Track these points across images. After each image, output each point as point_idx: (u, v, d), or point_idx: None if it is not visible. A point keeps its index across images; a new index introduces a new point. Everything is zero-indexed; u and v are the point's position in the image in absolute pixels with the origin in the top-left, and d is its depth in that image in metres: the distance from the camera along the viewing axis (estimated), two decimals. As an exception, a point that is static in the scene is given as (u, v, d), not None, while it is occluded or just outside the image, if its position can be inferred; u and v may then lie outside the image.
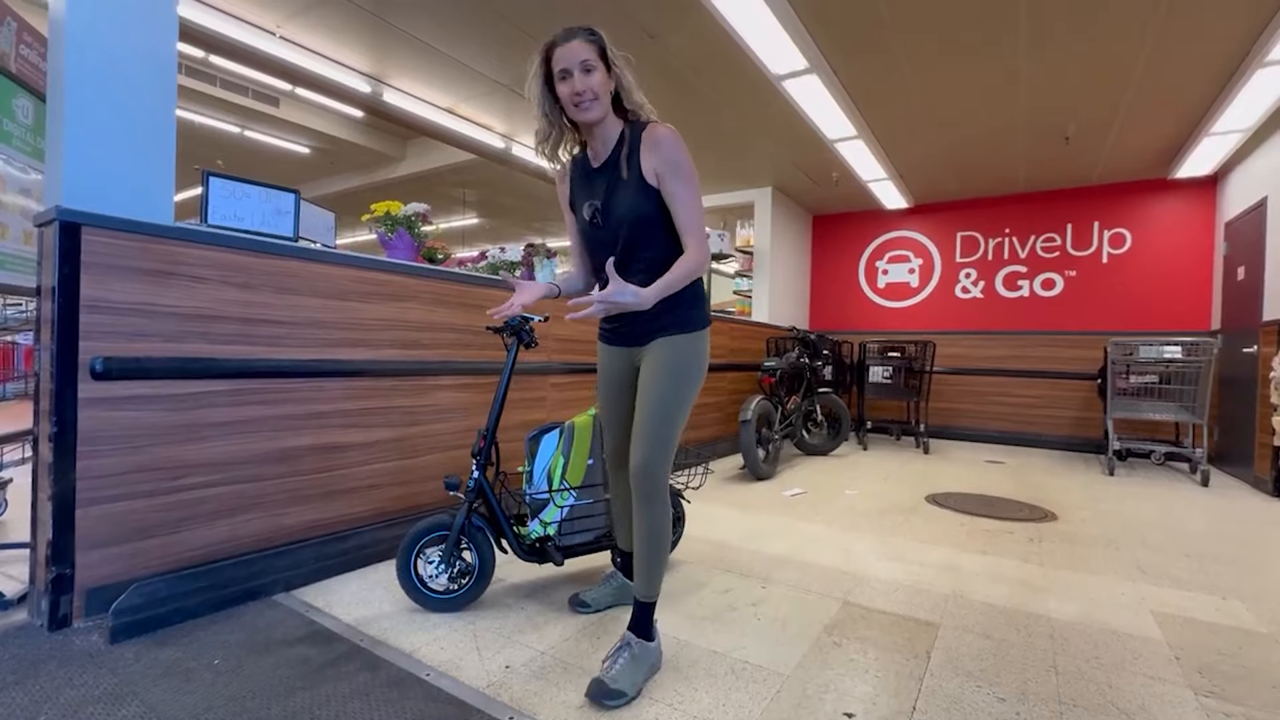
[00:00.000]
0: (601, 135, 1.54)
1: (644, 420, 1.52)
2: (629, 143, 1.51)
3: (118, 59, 1.78)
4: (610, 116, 1.53)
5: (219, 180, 2.15)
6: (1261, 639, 1.87)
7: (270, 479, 2.03)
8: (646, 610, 1.55)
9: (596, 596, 1.97)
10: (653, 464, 1.50)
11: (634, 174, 1.49)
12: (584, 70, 1.45)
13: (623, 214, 1.52)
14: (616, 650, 1.51)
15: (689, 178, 1.48)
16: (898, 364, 5.67)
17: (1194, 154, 4.68)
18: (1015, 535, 2.91)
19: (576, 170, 1.66)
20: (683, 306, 1.55)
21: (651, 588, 1.55)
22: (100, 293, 1.66)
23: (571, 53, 1.44)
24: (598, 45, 1.47)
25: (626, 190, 1.51)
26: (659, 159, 1.47)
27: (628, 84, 1.51)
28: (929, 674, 1.61)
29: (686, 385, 1.56)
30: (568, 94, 1.47)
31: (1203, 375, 4.36)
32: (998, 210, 6.23)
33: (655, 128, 1.49)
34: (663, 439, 1.51)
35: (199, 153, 7.18)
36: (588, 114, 1.47)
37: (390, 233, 2.71)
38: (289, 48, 3.80)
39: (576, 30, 1.46)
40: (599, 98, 1.46)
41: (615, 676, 1.44)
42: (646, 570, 1.54)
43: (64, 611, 1.65)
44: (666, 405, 1.52)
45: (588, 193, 1.60)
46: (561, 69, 1.46)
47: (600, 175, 1.57)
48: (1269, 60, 3.23)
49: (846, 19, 3.21)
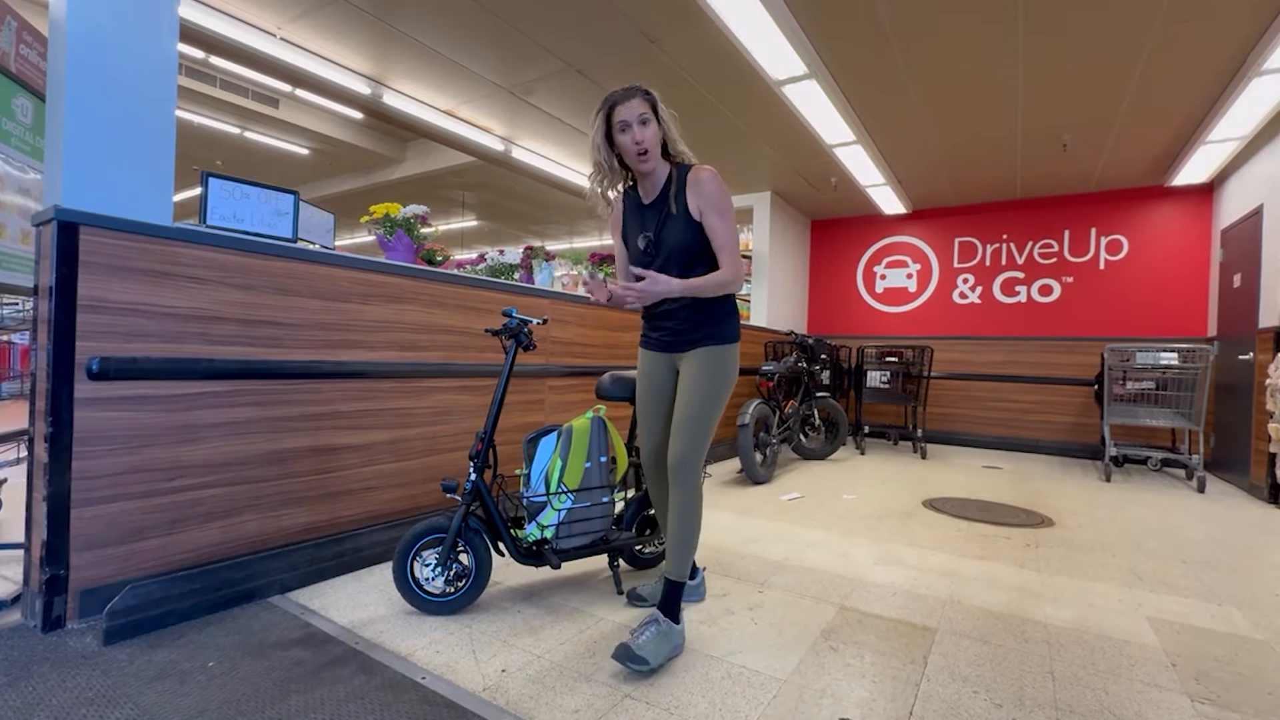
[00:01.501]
0: (653, 178, 1.78)
1: (683, 419, 1.75)
2: (676, 182, 1.75)
3: (118, 59, 1.78)
4: (660, 162, 1.77)
5: (218, 181, 2.15)
6: (1257, 645, 1.88)
7: (266, 480, 2.02)
8: (675, 591, 1.72)
9: (653, 590, 2.04)
10: (689, 457, 1.72)
11: (681, 209, 1.74)
12: (641, 123, 1.69)
13: (673, 244, 1.75)
14: (644, 624, 1.65)
15: (725, 211, 1.73)
16: (895, 369, 5.68)
17: (1190, 162, 4.70)
18: (1012, 541, 2.92)
19: (629, 204, 1.89)
20: (720, 321, 1.80)
21: (681, 568, 1.73)
22: (98, 293, 1.66)
23: (631, 109, 1.68)
24: (651, 102, 1.72)
25: (676, 224, 1.75)
26: (701, 197, 1.72)
27: (673, 135, 1.75)
28: (926, 679, 1.61)
29: (721, 389, 1.78)
30: (628, 143, 1.70)
31: (1199, 381, 4.38)
32: (995, 216, 6.25)
33: (699, 170, 1.74)
34: (699, 436, 1.73)
35: (198, 153, 7.18)
36: (645, 165, 1.73)
37: (389, 235, 2.71)
38: (290, 49, 3.80)
39: (635, 89, 1.71)
40: (652, 147, 1.70)
41: (642, 645, 1.58)
42: (677, 551, 1.74)
43: (58, 613, 1.64)
44: (703, 406, 1.75)
45: (640, 225, 1.83)
46: (621, 121, 1.69)
47: (651, 210, 1.81)
48: (1265, 69, 3.25)
49: (846, 26, 3.23)
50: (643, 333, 1.99)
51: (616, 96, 1.70)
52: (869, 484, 4.19)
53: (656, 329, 1.89)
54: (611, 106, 1.71)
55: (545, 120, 4.81)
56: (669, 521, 1.76)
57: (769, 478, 4.18)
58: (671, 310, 1.81)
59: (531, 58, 3.81)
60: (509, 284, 2.95)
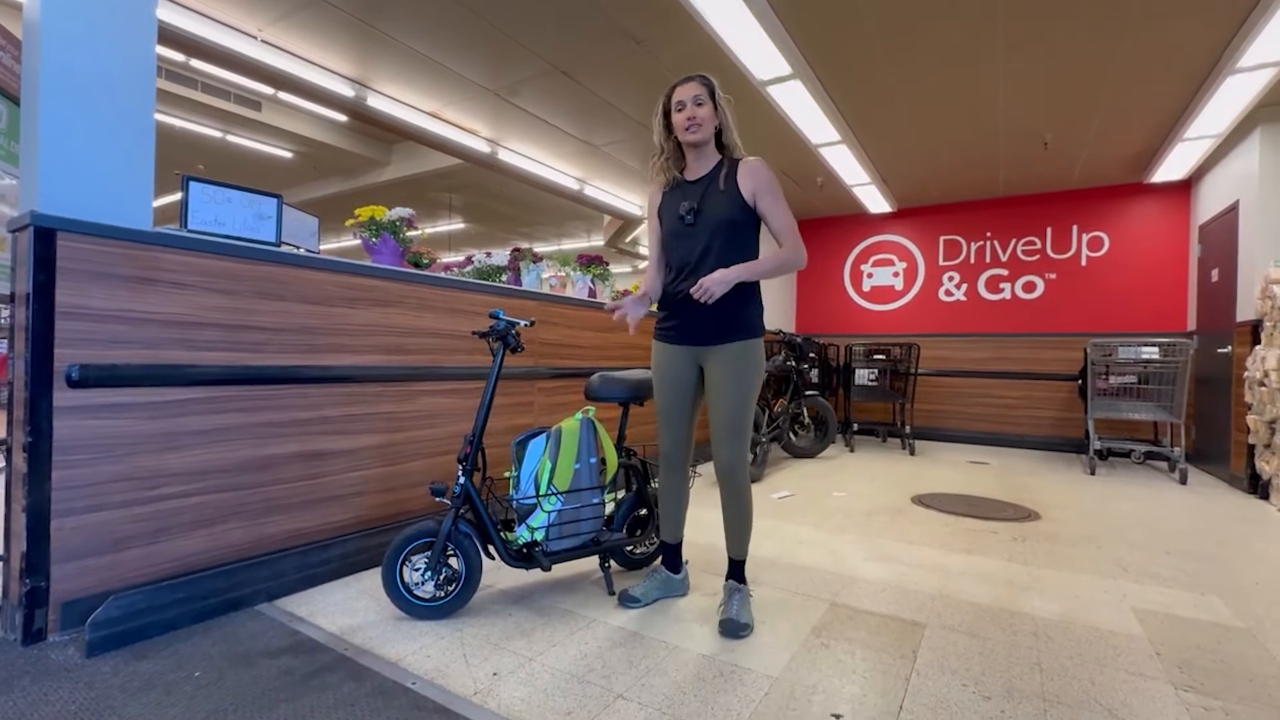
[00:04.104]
0: (700, 157, 1.89)
1: (725, 423, 1.83)
2: (728, 166, 1.86)
3: (94, 62, 1.76)
4: (710, 145, 1.88)
5: (199, 185, 2.13)
6: (1239, 634, 1.91)
7: (252, 487, 2.00)
8: (741, 564, 1.94)
9: (645, 590, 2.06)
10: (738, 461, 1.85)
11: (731, 188, 1.83)
12: (696, 103, 1.82)
13: (716, 217, 1.82)
14: (729, 597, 1.87)
15: (780, 195, 1.84)
16: (883, 366, 5.72)
17: (1168, 159, 4.78)
18: (1000, 535, 2.95)
19: (671, 185, 1.96)
20: (750, 313, 1.86)
21: (744, 549, 1.94)
22: (77, 299, 1.63)
23: (688, 90, 1.82)
24: (708, 86, 1.83)
25: (722, 198, 1.83)
26: (756, 182, 1.82)
27: (728, 124, 1.86)
28: (915, 673, 1.62)
29: (756, 384, 1.86)
30: (681, 120, 1.82)
31: (1180, 375, 4.45)
32: (979, 214, 6.32)
33: (750, 159, 1.86)
34: (742, 438, 1.84)
35: (179, 157, 7.09)
36: (694, 135, 1.82)
37: (375, 238, 2.69)
38: (271, 51, 3.76)
39: (695, 76, 1.84)
40: (704, 124, 1.82)
41: (739, 613, 1.81)
42: (740, 537, 1.92)
43: (39, 625, 1.61)
44: (743, 409, 1.83)
45: (680, 196, 1.91)
46: (678, 101, 1.83)
47: (695, 185, 1.89)
48: (1239, 67, 3.32)
49: (829, 26, 3.25)
50: (659, 324, 1.99)
51: (679, 81, 1.85)
52: (858, 481, 4.21)
53: (680, 319, 1.91)
54: (673, 89, 1.86)
55: (531, 122, 4.80)
56: (729, 517, 1.90)
57: (759, 476, 4.20)
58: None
59: (516, 59, 3.80)
60: (496, 286, 2.94)
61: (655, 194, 2.00)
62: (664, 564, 2.12)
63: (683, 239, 1.88)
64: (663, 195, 1.97)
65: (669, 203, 1.94)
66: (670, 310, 1.94)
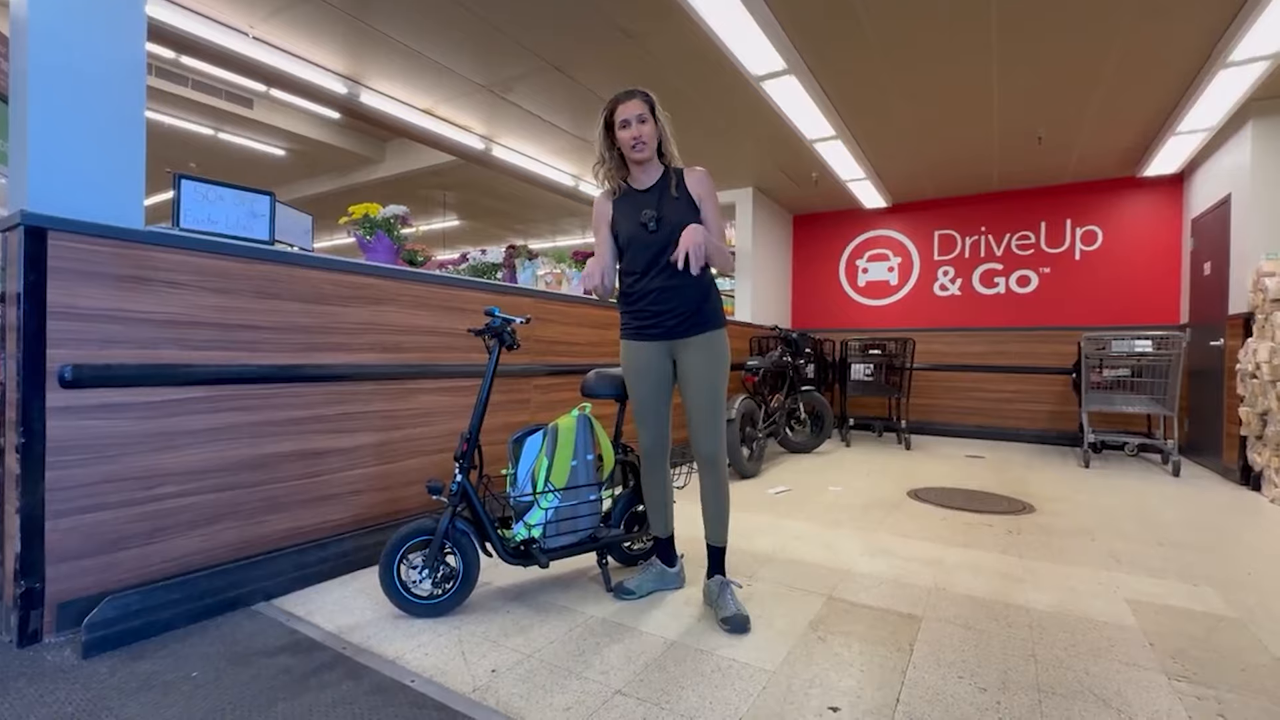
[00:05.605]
0: (646, 169, 1.98)
1: (703, 415, 1.94)
2: (675, 175, 1.97)
3: (83, 59, 1.74)
4: (654, 159, 1.98)
5: (191, 183, 2.11)
6: (1231, 623, 1.93)
7: (248, 487, 1.99)
8: (723, 552, 2.02)
9: (639, 583, 2.09)
10: (719, 450, 1.96)
11: (684, 194, 1.95)
12: (639, 120, 1.89)
13: (676, 220, 1.90)
14: (721, 593, 1.92)
15: (718, 204, 2.01)
16: (879, 361, 5.73)
17: (1161, 153, 4.80)
18: (995, 528, 2.96)
19: (620, 195, 2.02)
20: (715, 304, 1.99)
21: (725, 536, 2.02)
22: (69, 299, 1.62)
23: (630, 108, 1.89)
24: (649, 103, 1.92)
25: (679, 204, 1.93)
26: (702, 189, 1.96)
27: (668, 136, 1.96)
28: (912, 666, 1.63)
29: (726, 373, 1.98)
30: (627, 138, 1.90)
31: (1173, 368, 4.48)
32: (973, 209, 6.33)
33: (696, 167, 1.99)
34: (720, 427, 1.96)
35: (171, 155, 7.03)
36: (640, 154, 1.92)
37: (369, 235, 2.68)
38: (263, 48, 3.73)
39: (635, 91, 1.91)
40: (649, 141, 1.91)
41: (740, 607, 1.88)
42: (724, 524, 2.01)
43: (34, 627, 1.61)
44: (717, 398, 1.94)
45: (635, 204, 1.97)
46: (623, 119, 1.90)
47: (648, 195, 1.97)
48: (1231, 61, 3.33)
49: (824, 21, 3.24)
50: (625, 324, 2.03)
51: (620, 97, 1.91)
52: (855, 476, 4.23)
53: (650, 315, 1.95)
54: (615, 105, 1.92)
55: (525, 118, 4.78)
56: (710, 504, 1.99)
57: (756, 472, 4.21)
58: (675, 288, 1.91)
59: (509, 55, 3.79)
60: (492, 283, 2.93)
61: (603, 204, 2.04)
62: (658, 557, 2.15)
63: (646, 244, 1.93)
64: (612, 204, 2.02)
65: (624, 210, 1.99)
66: (640, 308, 1.97)
